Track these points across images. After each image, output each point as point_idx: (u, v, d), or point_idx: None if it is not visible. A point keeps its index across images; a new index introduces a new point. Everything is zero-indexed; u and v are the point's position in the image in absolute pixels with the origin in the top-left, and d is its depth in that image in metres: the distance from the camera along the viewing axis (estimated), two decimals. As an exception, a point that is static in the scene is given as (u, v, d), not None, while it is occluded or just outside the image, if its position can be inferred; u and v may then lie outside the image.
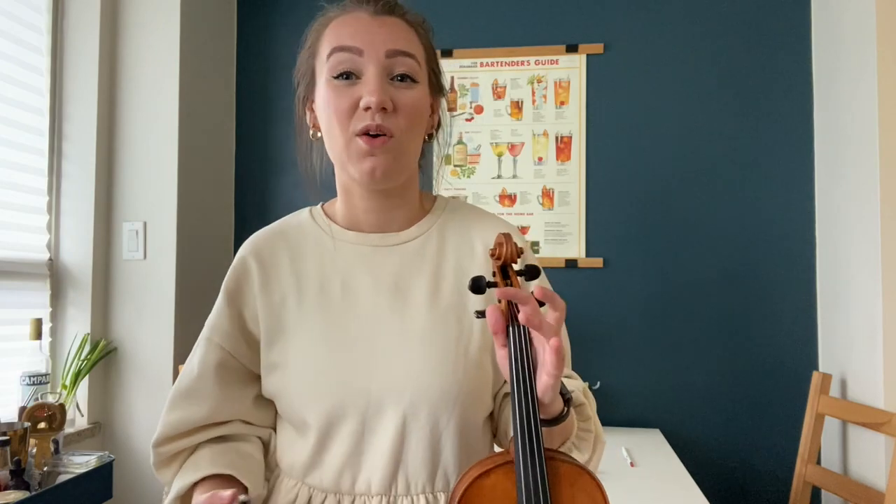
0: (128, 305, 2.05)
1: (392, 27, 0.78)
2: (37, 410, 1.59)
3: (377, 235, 0.84)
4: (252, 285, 0.83)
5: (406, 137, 0.78)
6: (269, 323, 0.82)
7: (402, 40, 0.78)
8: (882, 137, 1.77)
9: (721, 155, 2.23)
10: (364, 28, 0.77)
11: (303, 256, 0.84)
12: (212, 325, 0.84)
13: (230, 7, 2.46)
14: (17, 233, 1.82)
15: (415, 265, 0.83)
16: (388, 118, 0.76)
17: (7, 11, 1.78)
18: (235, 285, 0.84)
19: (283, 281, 0.82)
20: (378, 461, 0.77)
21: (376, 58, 0.76)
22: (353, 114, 0.76)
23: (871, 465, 1.80)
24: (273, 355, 0.81)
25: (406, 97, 0.77)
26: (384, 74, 0.77)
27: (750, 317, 2.18)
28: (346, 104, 0.76)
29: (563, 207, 2.28)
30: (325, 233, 0.85)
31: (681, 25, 2.27)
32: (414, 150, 0.81)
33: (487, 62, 2.33)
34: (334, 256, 0.83)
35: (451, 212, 0.89)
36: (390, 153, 0.76)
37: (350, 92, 0.76)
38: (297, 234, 0.86)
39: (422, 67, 0.80)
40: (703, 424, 2.18)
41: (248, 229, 2.48)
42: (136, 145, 2.07)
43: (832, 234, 2.07)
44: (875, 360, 1.78)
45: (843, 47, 2.00)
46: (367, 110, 0.75)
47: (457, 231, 0.87)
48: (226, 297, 0.84)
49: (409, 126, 0.77)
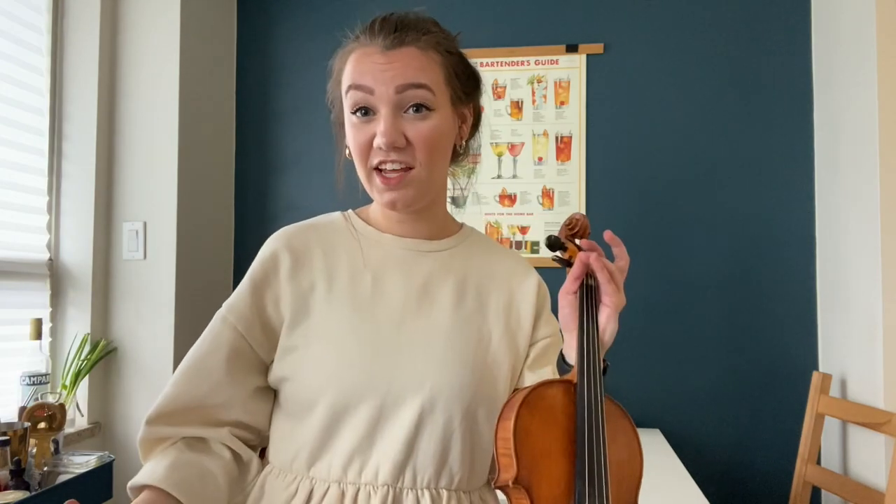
0: (128, 305, 2.05)
1: (403, 60, 0.79)
2: (37, 410, 1.59)
3: (410, 240, 0.88)
4: (280, 273, 0.84)
5: (425, 167, 0.81)
6: (296, 307, 0.83)
7: (413, 71, 0.79)
8: (882, 137, 1.77)
9: (721, 155, 2.23)
10: (375, 66, 0.79)
11: (335, 251, 0.86)
12: (230, 305, 0.85)
13: (230, 7, 2.46)
14: (17, 233, 1.82)
15: (444, 272, 0.87)
16: (403, 153, 0.79)
17: (7, 11, 1.78)
18: (262, 274, 0.85)
19: (315, 269, 0.85)
20: (390, 449, 0.78)
21: (387, 96, 0.78)
22: (371, 149, 0.80)
23: (871, 465, 1.80)
24: (294, 338, 0.82)
25: (420, 129, 0.79)
26: (396, 110, 0.79)
27: (750, 317, 2.18)
28: (364, 139, 0.80)
29: (563, 207, 2.28)
30: (360, 233, 0.89)
31: (681, 25, 2.27)
32: (437, 173, 0.84)
33: (487, 62, 2.33)
34: (367, 254, 0.87)
35: (476, 238, 0.96)
36: (410, 186, 0.81)
37: (367, 128, 0.80)
38: (331, 231, 0.89)
39: (439, 94, 0.81)
40: (703, 424, 2.18)
41: (248, 229, 2.50)
42: (136, 145, 2.07)
43: (832, 234, 2.07)
44: (875, 360, 1.78)
45: (843, 47, 1.99)
46: (381, 149, 0.79)
47: (480, 254, 0.93)
48: (250, 285, 0.84)
49: (427, 156, 0.80)
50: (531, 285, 0.92)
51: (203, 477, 0.80)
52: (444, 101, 0.82)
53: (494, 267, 0.92)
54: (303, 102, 2.43)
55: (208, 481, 0.80)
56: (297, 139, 2.44)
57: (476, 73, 0.91)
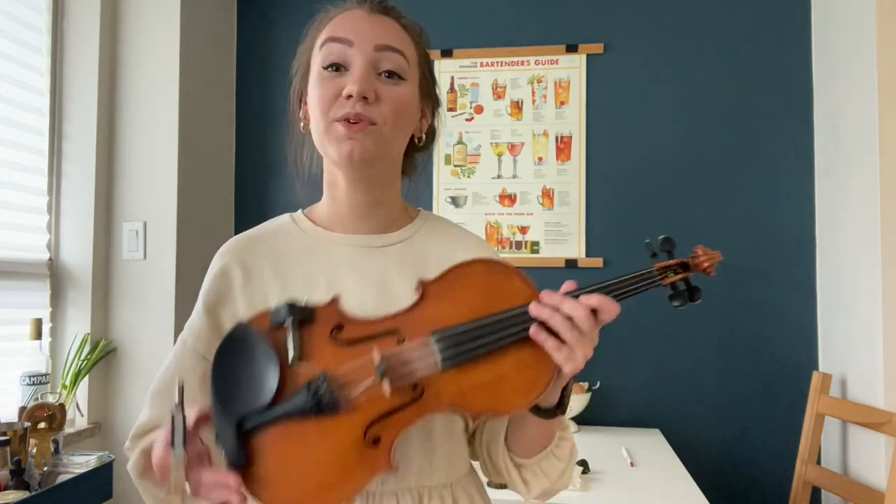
0: (128, 305, 2.05)
1: (385, 25, 0.81)
2: (37, 410, 1.60)
3: (362, 237, 0.85)
4: (233, 288, 0.82)
5: (389, 127, 0.78)
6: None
7: (393, 37, 0.80)
8: (882, 138, 1.77)
9: (721, 155, 2.23)
10: (357, 22, 0.80)
11: (285, 257, 0.83)
12: (190, 328, 0.84)
13: (230, 7, 2.46)
14: (17, 233, 1.82)
15: (400, 266, 0.84)
16: (369, 108, 0.76)
17: (7, 11, 1.78)
18: (215, 293, 0.83)
19: (266, 281, 0.82)
20: None
21: (365, 50, 0.78)
22: (336, 101, 0.77)
23: (871, 465, 1.80)
24: None
25: (391, 91, 0.78)
26: (371, 67, 0.78)
27: (750, 317, 2.18)
28: (331, 93, 0.77)
29: (563, 207, 2.28)
30: (309, 235, 0.86)
31: (681, 25, 2.27)
32: (397, 143, 0.82)
33: (487, 62, 2.33)
34: (319, 256, 0.83)
35: (433, 223, 0.91)
36: (369, 137, 0.77)
37: (336, 82, 0.78)
38: (278, 237, 0.86)
39: (411, 68, 0.81)
40: (703, 424, 2.18)
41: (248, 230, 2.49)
42: (136, 145, 2.07)
43: (832, 234, 2.07)
44: (875, 360, 1.78)
45: (843, 47, 1.99)
46: (349, 98, 0.76)
47: (440, 241, 0.88)
48: (204, 305, 0.83)
49: (392, 117, 0.78)
50: None
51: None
52: (413, 79, 0.82)
53: (454, 253, 0.86)
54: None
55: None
56: (297, 139, 2.44)
57: (436, 90, 0.91)
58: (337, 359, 0.68)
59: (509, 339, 0.69)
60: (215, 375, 0.67)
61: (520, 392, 0.69)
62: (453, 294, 0.72)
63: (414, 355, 0.68)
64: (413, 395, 0.68)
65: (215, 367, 0.67)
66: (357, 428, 0.66)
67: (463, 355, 0.68)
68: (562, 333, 0.68)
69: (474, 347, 0.69)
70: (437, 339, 0.69)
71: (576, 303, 0.69)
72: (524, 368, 0.69)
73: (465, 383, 0.68)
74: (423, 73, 0.85)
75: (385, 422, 0.67)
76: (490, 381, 0.69)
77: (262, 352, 0.67)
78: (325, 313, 0.70)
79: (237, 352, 0.68)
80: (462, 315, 0.70)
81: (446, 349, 0.68)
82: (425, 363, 0.68)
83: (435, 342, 0.68)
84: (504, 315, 0.70)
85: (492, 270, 0.73)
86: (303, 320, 0.69)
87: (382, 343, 0.69)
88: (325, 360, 0.68)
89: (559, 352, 0.68)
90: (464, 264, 0.73)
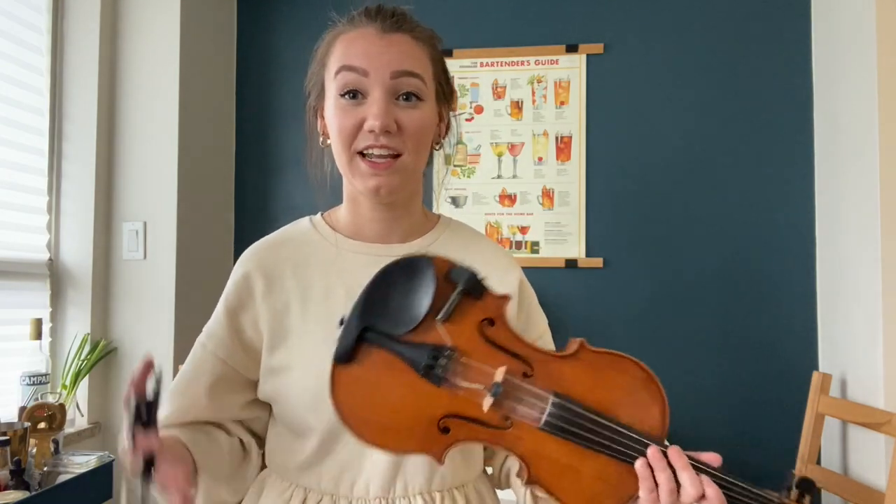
0: (128, 305, 2.05)
1: (399, 46, 0.79)
2: (37, 410, 1.60)
3: (382, 246, 0.85)
4: (255, 295, 0.82)
5: (412, 157, 0.79)
6: (273, 328, 0.81)
7: (409, 60, 0.78)
8: (882, 137, 1.77)
9: (721, 155, 2.23)
10: (371, 48, 0.78)
11: (306, 265, 0.84)
12: (209, 332, 0.84)
13: (230, 7, 2.46)
14: (17, 233, 1.82)
15: None
16: (393, 139, 0.77)
17: (7, 11, 1.78)
18: (236, 298, 0.83)
19: (287, 288, 0.82)
20: (378, 467, 0.78)
21: (382, 79, 0.77)
22: (358, 133, 0.77)
23: (871, 465, 1.80)
24: (275, 360, 0.81)
25: (411, 117, 0.78)
26: (389, 95, 0.77)
27: (750, 317, 2.18)
28: (351, 123, 0.77)
29: (563, 207, 2.28)
30: (329, 242, 0.85)
31: (681, 25, 2.27)
32: (420, 164, 0.82)
33: (487, 62, 2.33)
34: (339, 265, 0.83)
35: (453, 231, 0.91)
36: (396, 173, 0.78)
37: (356, 112, 0.77)
38: (300, 243, 0.86)
39: (428, 84, 0.81)
40: (703, 424, 2.18)
41: (248, 229, 2.49)
42: (136, 145, 2.07)
43: (832, 234, 2.07)
44: (875, 360, 1.78)
45: (843, 47, 1.99)
46: (372, 132, 0.76)
47: (458, 249, 0.88)
48: (225, 309, 0.83)
49: (414, 144, 0.78)
50: (512, 280, 0.88)
51: (209, 434, 0.83)
52: (431, 94, 0.82)
53: (472, 260, 0.84)
54: (303, 102, 2.43)
55: (214, 440, 0.82)
56: (297, 139, 2.44)
57: (452, 79, 0.90)
58: (470, 345, 0.70)
59: (611, 451, 0.69)
60: (378, 280, 0.70)
61: (583, 496, 0.70)
62: (598, 375, 0.72)
63: (527, 398, 0.69)
64: (500, 424, 0.69)
65: (383, 274, 0.71)
66: (440, 409, 0.68)
67: (563, 432, 0.69)
68: (662, 490, 0.67)
69: (577, 433, 0.69)
70: (555, 401, 0.69)
71: (696, 480, 0.67)
72: (599, 479, 0.70)
73: (546, 450, 0.69)
74: (440, 81, 0.84)
75: (464, 423, 0.68)
76: (566, 466, 0.69)
77: (424, 292, 0.70)
78: (490, 303, 0.71)
79: (407, 276, 0.71)
80: (591, 398, 0.70)
81: (555, 416, 0.69)
82: (530, 412, 0.69)
83: (552, 403, 0.69)
84: (624, 430, 0.69)
85: (643, 383, 0.73)
86: (470, 293, 0.70)
87: (512, 366, 0.70)
88: (460, 339, 0.70)
89: (648, 494, 0.67)
90: (627, 358, 0.73)
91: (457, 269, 0.71)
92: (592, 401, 0.70)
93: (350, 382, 0.68)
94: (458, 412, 0.68)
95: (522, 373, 0.70)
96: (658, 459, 0.68)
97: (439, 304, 0.69)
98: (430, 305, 0.69)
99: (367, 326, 0.68)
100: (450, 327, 0.69)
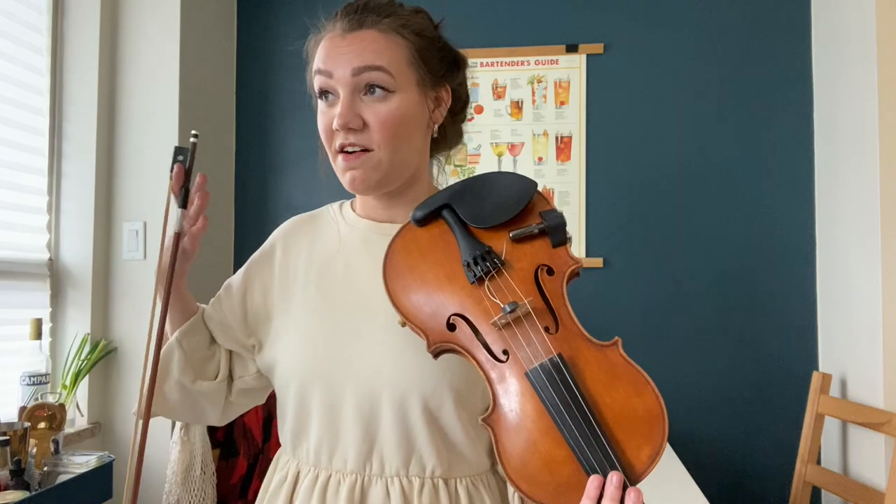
0: (128, 305, 2.05)
1: (361, 42, 0.79)
2: (37, 410, 1.60)
3: (387, 225, 0.88)
4: (272, 263, 0.92)
5: (385, 149, 0.80)
6: (281, 295, 0.89)
7: (370, 54, 0.78)
8: (882, 137, 1.77)
9: (721, 155, 2.23)
10: (333, 49, 0.80)
11: (320, 241, 0.91)
12: (226, 284, 0.98)
13: (230, 7, 2.46)
14: (17, 233, 1.82)
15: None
16: (360, 135, 0.79)
17: (7, 11, 1.78)
18: (259, 260, 0.94)
19: (300, 262, 0.89)
20: (351, 439, 0.79)
21: (344, 78, 0.79)
22: (333, 132, 0.81)
23: (871, 465, 1.80)
24: (273, 326, 0.88)
25: (378, 111, 0.79)
26: (354, 93, 0.79)
27: (750, 317, 2.18)
28: (327, 123, 0.81)
29: (563, 207, 2.28)
30: (346, 221, 0.91)
31: (681, 25, 2.27)
32: (400, 156, 0.81)
33: (487, 62, 2.33)
34: (345, 241, 0.89)
35: None
36: (367, 164, 0.80)
37: (330, 112, 0.81)
38: (322, 222, 0.93)
39: (399, 73, 0.80)
40: (703, 424, 2.18)
41: (249, 229, 2.49)
42: (136, 145, 2.07)
43: (832, 234, 2.07)
44: (875, 360, 1.78)
45: (843, 47, 2.00)
46: (338, 131, 0.79)
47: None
48: (246, 269, 0.95)
49: (385, 137, 0.79)
50: None
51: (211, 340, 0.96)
52: (406, 83, 0.81)
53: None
54: (303, 102, 2.43)
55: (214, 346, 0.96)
56: (297, 139, 2.44)
57: (455, 56, 0.90)
58: (519, 273, 0.73)
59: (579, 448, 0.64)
60: (483, 177, 0.79)
61: (523, 469, 0.65)
62: (615, 380, 0.67)
63: (535, 344, 0.69)
64: (498, 355, 0.70)
65: (492, 175, 0.79)
66: (458, 303, 0.72)
67: (545, 392, 0.66)
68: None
69: (557, 406, 0.65)
70: (553, 359, 0.67)
71: None
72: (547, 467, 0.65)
73: (520, 403, 0.67)
74: (419, 70, 0.83)
75: (469, 330, 0.71)
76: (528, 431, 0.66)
77: (514, 206, 0.75)
78: (560, 256, 0.74)
79: (509, 187, 0.77)
80: (594, 391, 0.66)
81: (547, 372, 0.66)
82: (528, 355, 0.68)
83: (551, 359, 0.67)
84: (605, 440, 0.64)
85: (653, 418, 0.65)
86: (549, 235, 0.74)
87: (541, 312, 0.70)
88: (515, 261, 0.73)
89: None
90: (651, 385, 0.66)
91: (553, 211, 0.75)
92: (595, 395, 0.66)
93: (409, 240, 0.76)
94: (471, 315, 0.71)
95: (545, 326, 0.70)
96: (615, 488, 0.62)
97: (519, 225, 0.74)
98: (511, 220, 0.74)
99: (446, 205, 0.75)
100: (514, 247, 0.73)
